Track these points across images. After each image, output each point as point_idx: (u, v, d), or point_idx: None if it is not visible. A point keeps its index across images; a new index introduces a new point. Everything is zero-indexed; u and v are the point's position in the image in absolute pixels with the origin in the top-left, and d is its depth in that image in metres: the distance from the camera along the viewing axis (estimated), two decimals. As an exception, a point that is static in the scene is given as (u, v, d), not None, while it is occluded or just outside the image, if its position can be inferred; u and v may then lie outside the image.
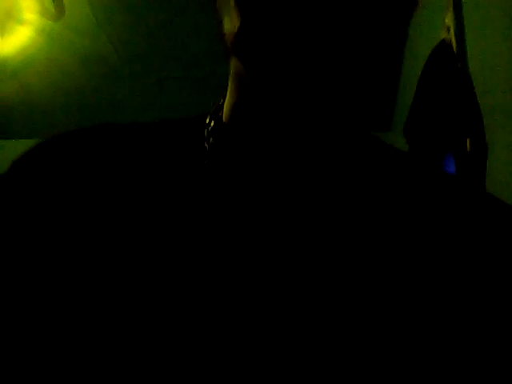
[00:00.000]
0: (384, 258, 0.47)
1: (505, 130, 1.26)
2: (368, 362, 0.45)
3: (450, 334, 0.46)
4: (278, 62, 0.44)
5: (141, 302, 0.46)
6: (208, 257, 0.47)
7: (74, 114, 2.87)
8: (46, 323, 0.47)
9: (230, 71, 0.52)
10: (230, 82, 0.53)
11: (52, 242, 0.49)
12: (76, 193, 0.51)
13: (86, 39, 2.40)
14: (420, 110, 1.64)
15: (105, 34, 2.38)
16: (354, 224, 0.48)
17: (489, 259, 0.48)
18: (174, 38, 2.41)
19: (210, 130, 0.53)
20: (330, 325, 0.45)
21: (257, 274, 0.47)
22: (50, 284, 0.48)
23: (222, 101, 0.54)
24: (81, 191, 0.51)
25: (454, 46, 1.52)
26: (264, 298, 0.46)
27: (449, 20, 1.56)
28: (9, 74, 2.55)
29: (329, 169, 0.50)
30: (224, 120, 0.53)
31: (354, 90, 0.50)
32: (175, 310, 0.46)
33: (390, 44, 0.49)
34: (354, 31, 0.45)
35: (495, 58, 1.33)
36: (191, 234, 0.48)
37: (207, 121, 0.54)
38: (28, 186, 0.52)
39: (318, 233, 0.48)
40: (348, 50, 0.45)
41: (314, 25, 0.43)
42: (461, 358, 0.46)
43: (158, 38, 2.36)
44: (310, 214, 0.48)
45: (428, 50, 1.62)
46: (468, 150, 1.36)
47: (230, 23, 0.45)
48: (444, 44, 1.57)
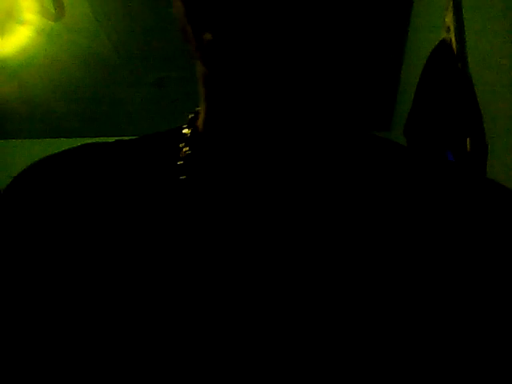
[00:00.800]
0: (384, 257, 0.47)
1: (505, 129, 1.26)
2: (368, 361, 0.44)
3: (451, 329, 0.46)
4: (264, 58, 0.43)
5: (138, 304, 0.46)
6: (188, 271, 0.47)
7: (74, 113, 2.87)
8: (46, 323, 0.47)
9: (199, 75, 0.50)
10: (200, 88, 0.51)
11: (51, 241, 0.49)
12: (62, 209, 0.50)
13: (85, 39, 2.40)
14: (420, 110, 1.64)
15: (105, 34, 2.38)
16: (353, 224, 0.48)
17: (491, 254, 0.48)
18: (174, 38, 2.41)
19: (186, 139, 0.52)
20: (331, 325, 0.45)
21: (253, 274, 0.46)
22: (48, 284, 0.48)
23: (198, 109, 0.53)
24: (66, 208, 0.50)
25: (454, 46, 1.52)
26: (262, 299, 0.46)
27: (449, 20, 1.56)
28: (9, 74, 2.55)
29: (329, 169, 0.50)
30: (200, 129, 0.52)
31: (354, 90, 0.50)
32: (176, 311, 0.46)
33: (389, 44, 0.49)
34: (354, 31, 0.45)
35: (495, 58, 1.33)
36: (182, 237, 0.48)
37: (184, 129, 0.53)
38: (27, 188, 0.52)
39: (316, 234, 0.48)
40: (348, 50, 0.45)
41: (313, 24, 0.43)
42: (461, 357, 0.46)
43: (158, 38, 2.36)
44: (307, 216, 0.48)
45: (428, 50, 1.62)
46: (468, 149, 1.36)
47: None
48: (444, 44, 1.57)
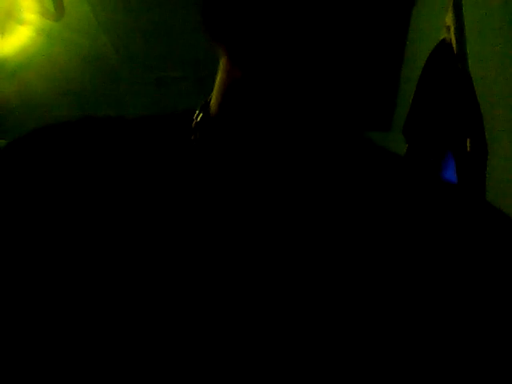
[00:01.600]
0: (385, 257, 0.47)
1: (505, 129, 1.26)
2: (368, 361, 0.44)
3: (447, 346, 0.46)
4: (272, 57, 0.44)
5: (137, 303, 0.46)
6: (197, 256, 0.47)
7: (74, 113, 2.86)
8: (46, 323, 0.47)
9: (220, 66, 0.52)
10: (218, 76, 0.52)
11: (49, 239, 0.49)
12: (59, 183, 0.50)
13: (85, 39, 2.40)
14: (420, 110, 1.64)
15: (105, 34, 2.38)
16: (352, 226, 0.48)
17: (486, 266, 0.48)
18: (174, 38, 2.41)
19: (197, 123, 0.53)
20: (330, 325, 0.45)
21: (253, 274, 0.46)
22: (47, 283, 0.48)
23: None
24: (74, 187, 0.50)
25: (454, 46, 1.52)
26: (261, 299, 0.46)
27: (449, 20, 1.56)
28: (9, 74, 2.55)
29: (328, 169, 0.50)
30: (211, 113, 0.53)
31: (354, 90, 0.50)
32: (175, 311, 0.46)
33: (389, 44, 0.49)
34: (354, 31, 0.45)
35: (495, 58, 1.33)
36: (182, 231, 0.48)
37: (195, 115, 0.54)
38: (10, 173, 0.52)
39: (315, 234, 0.48)
40: (348, 50, 0.45)
41: (314, 24, 0.43)
42: (461, 359, 0.46)
43: (158, 38, 2.36)
44: (307, 214, 0.48)
45: (428, 50, 1.62)
46: (468, 149, 1.36)
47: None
48: (444, 44, 1.56)
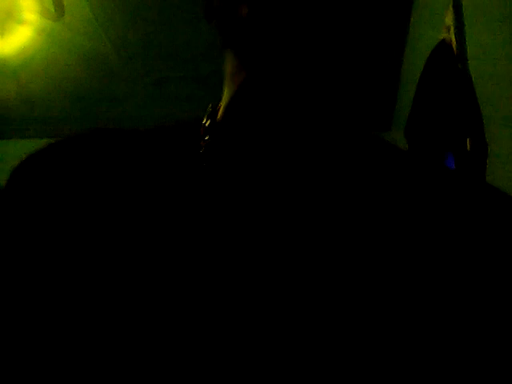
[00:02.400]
0: (385, 257, 0.47)
1: (505, 129, 1.26)
2: (368, 361, 0.44)
3: (451, 331, 0.46)
4: (277, 60, 0.44)
5: (140, 302, 0.46)
6: (208, 257, 0.47)
7: (74, 114, 2.87)
8: (46, 323, 0.47)
9: (226, 70, 0.53)
10: (225, 81, 0.53)
11: (52, 242, 0.49)
12: (76, 194, 0.51)
13: (86, 39, 2.40)
14: (420, 110, 1.64)
15: (105, 34, 2.38)
16: (354, 223, 0.48)
17: (490, 256, 0.48)
18: (173, 37, 2.41)
19: (205, 128, 0.54)
20: (330, 324, 0.45)
21: (257, 273, 0.47)
22: (50, 284, 0.48)
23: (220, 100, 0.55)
24: (80, 193, 0.51)
25: (454, 46, 1.52)
26: (262, 297, 0.46)
27: (449, 20, 1.56)
28: (9, 74, 2.55)
29: (329, 168, 0.50)
30: (219, 118, 0.54)
31: (354, 90, 0.50)
32: (174, 310, 0.46)
33: (389, 44, 0.49)
34: (354, 31, 0.45)
35: (495, 57, 1.33)
36: (191, 235, 0.48)
37: (204, 120, 0.55)
38: (27, 187, 0.52)
39: (318, 231, 0.48)
40: (348, 50, 0.45)
41: (315, 24, 0.43)
42: (461, 355, 0.46)
43: (158, 37, 2.36)
44: (311, 212, 0.48)
45: (428, 50, 1.62)
46: (468, 149, 1.36)
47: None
48: (444, 44, 1.56)
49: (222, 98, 0.54)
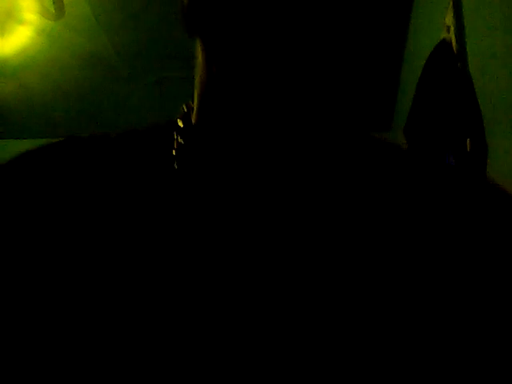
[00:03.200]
0: (385, 256, 0.47)
1: (505, 129, 1.26)
2: (368, 361, 0.44)
3: (452, 328, 0.46)
4: (246, 53, 0.44)
5: (136, 304, 0.46)
6: (193, 259, 0.47)
7: (74, 114, 2.86)
8: (46, 323, 0.47)
9: (197, 71, 0.53)
10: (196, 82, 0.53)
11: (49, 241, 0.49)
12: (67, 196, 0.51)
13: (86, 39, 2.40)
14: (420, 110, 1.64)
15: (105, 34, 2.38)
16: (354, 222, 0.48)
17: (490, 254, 0.48)
18: (173, 37, 2.41)
19: (179, 131, 0.54)
20: (329, 324, 0.45)
21: (249, 276, 0.46)
22: (48, 285, 0.48)
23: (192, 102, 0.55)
24: (71, 195, 0.52)
25: (454, 46, 1.52)
26: (261, 298, 0.46)
27: (449, 20, 1.56)
28: (9, 74, 2.55)
29: (328, 168, 0.50)
30: (193, 121, 0.53)
31: (354, 90, 0.50)
32: (174, 310, 0.46)
33: (389, 44, 0.49)
34: (354, 31, 0.45)
35: (495, 57, 1.33)
36: (165, 237, 0.48)
37: (178, 123, 0.55)
38: (25, 185, 0.52)
39: (317, 231, 0.48)
40: (348, 50, 0.45)
41: (313, 23, 0.43)
42: (461, 352, 0.46)
43: (158, 38, 2.36)
44: (308, 212, 0.48)
45: (428, 50, 1.62)
46: (468, 149, 1.36)
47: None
48: (444, 44, 1.56)
49: (194, 98, 0.54)
